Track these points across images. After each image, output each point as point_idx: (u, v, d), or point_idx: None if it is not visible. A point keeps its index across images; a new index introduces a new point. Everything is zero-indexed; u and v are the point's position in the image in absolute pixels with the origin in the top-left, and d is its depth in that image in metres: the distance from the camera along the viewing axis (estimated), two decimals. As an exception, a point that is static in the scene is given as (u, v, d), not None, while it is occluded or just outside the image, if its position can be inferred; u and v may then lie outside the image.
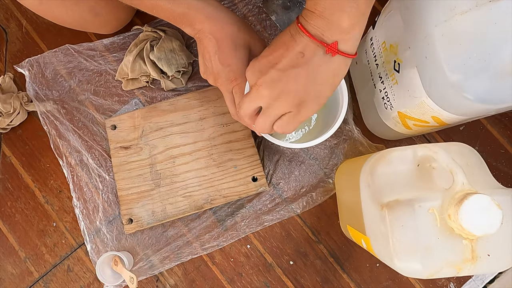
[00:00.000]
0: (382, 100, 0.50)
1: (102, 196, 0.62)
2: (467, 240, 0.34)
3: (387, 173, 0.39)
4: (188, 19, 0.45)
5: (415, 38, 0.38)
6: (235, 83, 0.47)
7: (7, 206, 0.64)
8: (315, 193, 0.61)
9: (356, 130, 0.60)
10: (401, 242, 0.35)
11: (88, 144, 0.63)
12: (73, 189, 0.62)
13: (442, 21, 0.34)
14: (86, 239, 0.61)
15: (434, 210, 0.34)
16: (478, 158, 0.40)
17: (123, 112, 0.64)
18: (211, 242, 0.61)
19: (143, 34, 0.62)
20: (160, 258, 0.61)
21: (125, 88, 0.64)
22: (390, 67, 0.45)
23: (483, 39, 0.33)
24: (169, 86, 0.63)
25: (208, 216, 0.61)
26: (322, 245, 0.61)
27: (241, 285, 0.61)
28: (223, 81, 0.47)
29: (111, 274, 0.59)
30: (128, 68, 0.62)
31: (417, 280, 0.59)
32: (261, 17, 0.65)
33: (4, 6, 0.69)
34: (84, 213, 0.62)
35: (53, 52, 0.66)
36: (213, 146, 0.61)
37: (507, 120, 0.61)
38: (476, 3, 0.32)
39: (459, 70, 0.35)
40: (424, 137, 0.61)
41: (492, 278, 0.59)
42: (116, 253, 0.57)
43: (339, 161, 0.61)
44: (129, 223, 0.59)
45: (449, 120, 0.41)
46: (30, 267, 0.63)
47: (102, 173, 0.63)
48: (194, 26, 0.45)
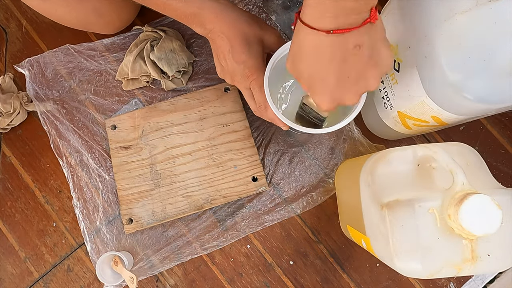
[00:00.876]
0: (382, 100, 0.50)
1: (102, 196, 0.62)
2: (467, 240, 0.34)
3: (387, 173, 0.39)
4: (199, 19, 0.45)
5: (415, 38, 0.38)
6: (251, 78, 0.47)
7: (7, 206, 0.64)
8: (315, 193, 0.61)
9: (356, 130, 0.60)
10: (401, 242, 0.35)
11: (88, 144, 0.63)
12: (73, 189, 0.62)
13: (442, 21, 0.34)
14: (86, 239, 0.61)
15: (434, 210, 0.34)
16: (478, 158, 0.40)
17: (123, 112, 0.64)
18: (211, 242, 0.61)
19: (144, 34, 0.62)
20: (160, 258, 0.61)
21: (125, 88, 0.64)
22: (390, 67, 0.45)
23: (483, 39, 0.33)
24: (170, 86, 0.63)
25: (208, 216, 0.61)
26: (322, 245, 0.61)
27: (241, 285, 0.61)
28: (239, 79, 0.48)
29: (111, 274, 0.59)
30: (128, 68, 0.62)
31: (417, 280, 0.59)
32: (261, 17, 0.64)
33: (4, 6, 0.69)
34: (84, 213, 0.62)
35: (53, 52, 0.66)
36: (213, 146, 0.61)
37: (507, 120, 0.61)
38: (476, 3, 0.32)
39: (459, 70, 0.35)
40: (424, 137, 0.61)
41: (492, 278, 0.59)
42: (116, 253, 0.57)
43: (339, 161, 0.61)
44: (129, 223, 0.59)
45: (449, 120, 0.41)
46: (30, 267, 0.63)
47: (102, 173, 0.63)
48: (205, 26, 0.46)
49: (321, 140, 0.62)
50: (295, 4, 0.64)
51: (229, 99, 0.62)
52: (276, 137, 0.62)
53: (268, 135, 0.62)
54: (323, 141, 0.62)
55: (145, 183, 0.60)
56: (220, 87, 0.62)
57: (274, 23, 0.64)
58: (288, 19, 0.64)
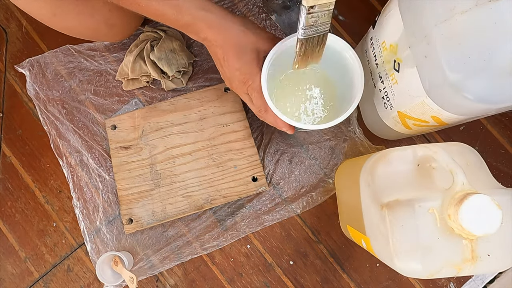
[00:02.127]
0: (382, 100, 0.50)
1: (102, 196, 0.62)
2: (467, 240, 0.34)
3: (387, 173, 0.39)
4: (193, 28, 0.46)
5: (415, 38, 0.38)
6: (248, 84, 0.48)
7: (7, 206, 0.64)
8: (315, 193, 0.61)
9: (358, 129, 0.60)
10: (401, 242, 0.35)
11: (88, 144, 0.63)
12: (73, 189, 0.62)
13: (442, 21, 0.34)
14: (86, 239, 0.61)
15: (434, 210, 0.34)
16: (478, 158, 0.40)
17: (123, 112, 0.64)
18: (211, 242, 0.61)
19: (144, 35, 0.63)
20: (160, 258, 0.61)
21: (125, 88, 0.64)
22: (390, 66, 0.45)
23: (483, 39, 0.33)
24: (170, 86, 0.63)
25: (208, 216, 0.61)
26: (322, 245, 0.61)
27: (241, 285, 0.61)
28: (237, 85, 0.49)
29: (111, 274, 0.59)
30: (128, 68, 0.62)
31: (417, 280, 0.59)
32: (261, 16, 0.65)
33: (4, 6, 0.69)
34: (84, 213, 0.62)
35: (54, 52, 0.66)
36: (213, 146, 0.61)
37: (507, 120, 0.61)
38: (476, 3, 0.32)
39: (459, 70, 0.35)
40: (424, 137, 0.61)
41: (492, 278, 0.59)
42: (116, 253, 0.57)
43: (339, 161, 0.61)
44: (129, 223, 0.59)
45: (449, 120, 0.41)
46: (30, 267, 0.63)
47: (102, 173, 0.63)
48: (199, 35, 0.47)
49: (321, 140, 0.62)
50: (295, 3, 0.64)
51: (229, 99, 0.62)
52: (276, 137, 0.62)
53: (268, 135, 0.62)
54: (323, 141, 0.62)
55: (145, 183, 0.60)
56: (220, 87, 0.62)
57: (274, 23, 0.64)
58: (288, 18, 0.64)
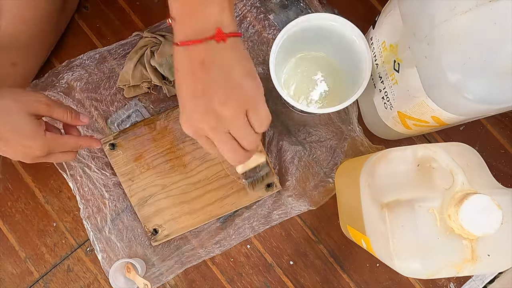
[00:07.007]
0: (382, 100, 0.50)
1: (109, 205, 0.61)
2: (467, 240, 0.34)
3: (387, 173, 0.39)
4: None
5: (415, 38, 0.38)
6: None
7: (7, 206, 0.64)
8: (315, 193, 0.61)
9: (358, 128, 0.60)
10: (401, 242, 0.35)
11: (91, 151, 0.63)
12: (80, 200, 0.61)
13: (442, 21, 0.34)
14: (96, 249, 0.61)
15: (434, 210, 0.34)
16: (478, 158, 0.40)
17: (123, 115, 0.63)
18: (212, 244, 0.60)
19: (143, 41, 0.61)
20: (168, 266, 0.60)
21: (126, 95, 0.63)
22: (390, 67, 0.45)
23: (483, 39, 0.33)
24: (172, 92, 0.62)
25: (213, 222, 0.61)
26: (322, 245, 0.61)
27: (241, 285, 0.61)
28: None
29: (125, 282, 0.58)
30: (129, 75, 0.61)
31: (417, 280, 0.59)
32: (260, 17, 0.64)
33: (4, 6, 0.69)
34: (92, 222, 0.61)
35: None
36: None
37: (507, 120, 0.61)
38: (476, 3, 0.32)
39: (459, 70, 0.35)
40: (424, 137, 0.61)
41: (492, 278, 0.59)
42: (129, 260, 0.57)
43: (339, 161, 0.61)
44: (154, 234, 0.59)
45: (449, 120, 0.41)
46: (30, 267, 0.63)
47: (107, 182, 0.62)
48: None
49: (322, 139, 0.62)
50: (292, 3, 0.64)
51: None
52: (276, 137, 0.62)
53: (268, 135, 0.62)
54: (324, 140, 0.62)
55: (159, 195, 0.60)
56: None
57: (272, 22, 0.64)
58: (286, 18, 0.64)
